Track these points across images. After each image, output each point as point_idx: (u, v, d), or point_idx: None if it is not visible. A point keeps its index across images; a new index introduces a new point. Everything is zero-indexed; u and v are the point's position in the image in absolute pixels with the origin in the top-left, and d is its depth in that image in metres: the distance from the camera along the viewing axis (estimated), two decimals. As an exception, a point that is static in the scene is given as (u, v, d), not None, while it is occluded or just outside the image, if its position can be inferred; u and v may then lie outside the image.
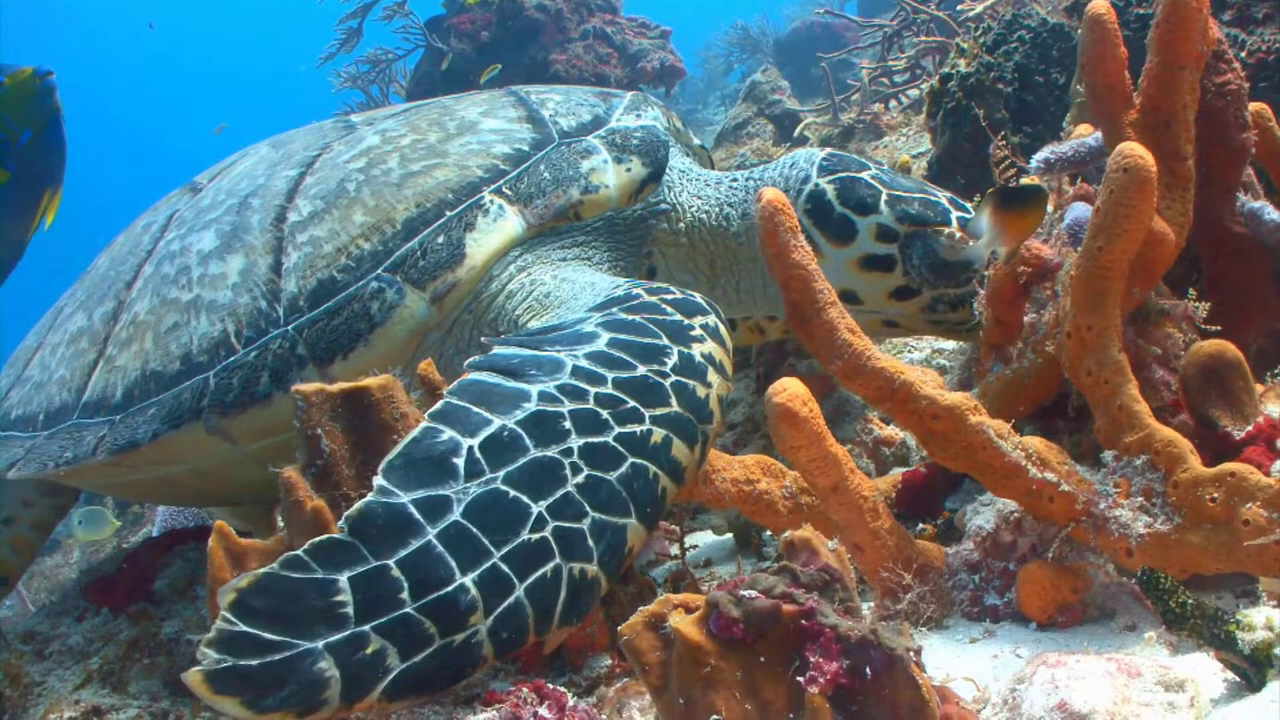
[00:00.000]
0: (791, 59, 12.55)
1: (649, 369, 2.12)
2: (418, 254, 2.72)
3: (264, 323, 2.76)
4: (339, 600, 1.61)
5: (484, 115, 3.09)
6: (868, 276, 2.90)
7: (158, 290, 2.99)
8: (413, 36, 9.74)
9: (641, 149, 2.99)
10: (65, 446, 2.98)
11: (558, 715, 1.75)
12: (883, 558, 2.02)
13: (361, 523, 1.72)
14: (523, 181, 2.84)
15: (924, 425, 2.02)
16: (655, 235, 3.13)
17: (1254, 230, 2.38)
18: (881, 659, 1.37)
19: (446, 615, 1.66)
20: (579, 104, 3.16)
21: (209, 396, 2.75)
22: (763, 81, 8.94)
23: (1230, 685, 1.60)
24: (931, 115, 4.52)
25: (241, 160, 3.39)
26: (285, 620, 1.57)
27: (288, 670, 1.52)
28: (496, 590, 1.71)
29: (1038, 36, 4.24)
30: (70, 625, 3.00)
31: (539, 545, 1.79)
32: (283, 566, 1.64)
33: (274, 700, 1.49)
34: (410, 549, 1.71)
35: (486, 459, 1.87)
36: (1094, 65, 2.22)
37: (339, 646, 1.56)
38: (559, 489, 1.87)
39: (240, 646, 1.52)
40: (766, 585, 1.42)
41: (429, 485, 1.81)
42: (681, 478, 2.03)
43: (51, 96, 4.36)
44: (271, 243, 2.86)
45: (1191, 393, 2.08)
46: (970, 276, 2.82)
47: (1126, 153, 1.87)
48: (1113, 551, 1.93)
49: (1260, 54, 3.17)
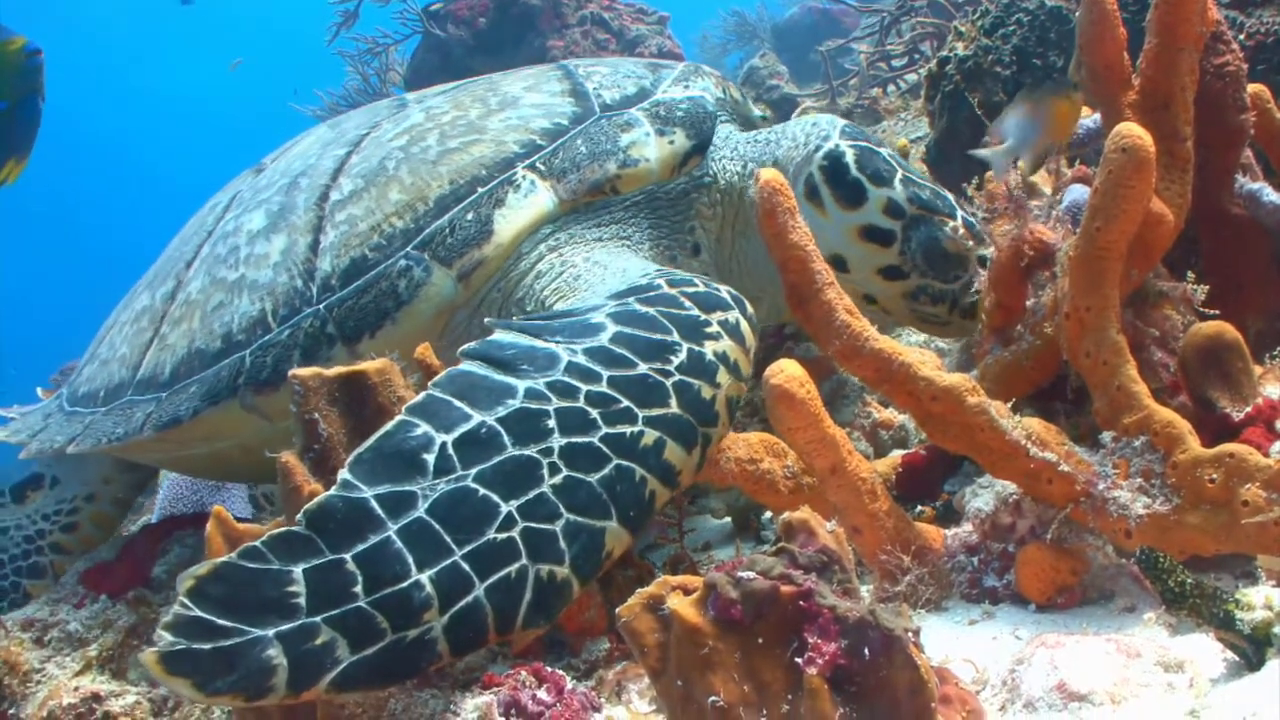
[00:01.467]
0: (789, 44, 12.53)
1: (650, 367, 2.05)
2: (446, 231, 2.70)
3: (298, 301, 2.77)
4: (292, 591, 1.60)
5: (527, 90, 3.05)
6: (864, 246, 2.86)
7: (210, 270, 3.03)
8: (410, 22, 9.70)
9: (686, 120, 2.92)
10: (118, 423, 3.04)
11: (556, 698, 1.75)
12: (881, 540, 2.02)
13: (320, 516, 1.70)
14: (558, 156, 2.80)
15: (922, 407, 2.02)
16: (699, 209, 3.04)
17: (1253, 212, 2.38)
18: (880, 640, 1.36)
19: (399, 611, 1.63)
20: (625, 76, 3.09)
21: (244, 374, 2.78)
22: (761, 67, 8.91)
23: (1230, 665, 1.60)
24: (929, 99, 4.51)
25: (303, 139, 3.42)
26: (239, 608, 1.57)
27: (237, 656, 1.52)
28: (454, 588, 1.68)
29: (1035, 19, 4.23)
30: (69, 612, 3.00)
31: (505, 545, 1.74)
32: (240, 556, 1.63)
33: (223, 684, 1.50)
34: (368, 544, 1.68)
35: (459, 456, 1.83)
36: (1092, 46, 2.21)
37: (289, 636, 1.56)
38: (533, 489, 1.82)
39: (194, 631, 1.53)
40: (765, 567, 1.41)
41: (395, 481, 1.77)
42: (674, 481, 1.96)
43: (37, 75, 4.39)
44: (313, 221, 2.87)
45: (1190, 374, 2.08)
46: (959, 275, 2.83)
47: (1125, 133, 1.86)
48: (1112, 533, 1.93)
49: (1259, 36, 3.16)
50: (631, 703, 1.87)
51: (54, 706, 2.60)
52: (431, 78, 9.46)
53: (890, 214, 2.83)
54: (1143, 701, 1.55)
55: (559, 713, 1.73)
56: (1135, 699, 1.56)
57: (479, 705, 1.72)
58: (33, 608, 3.07)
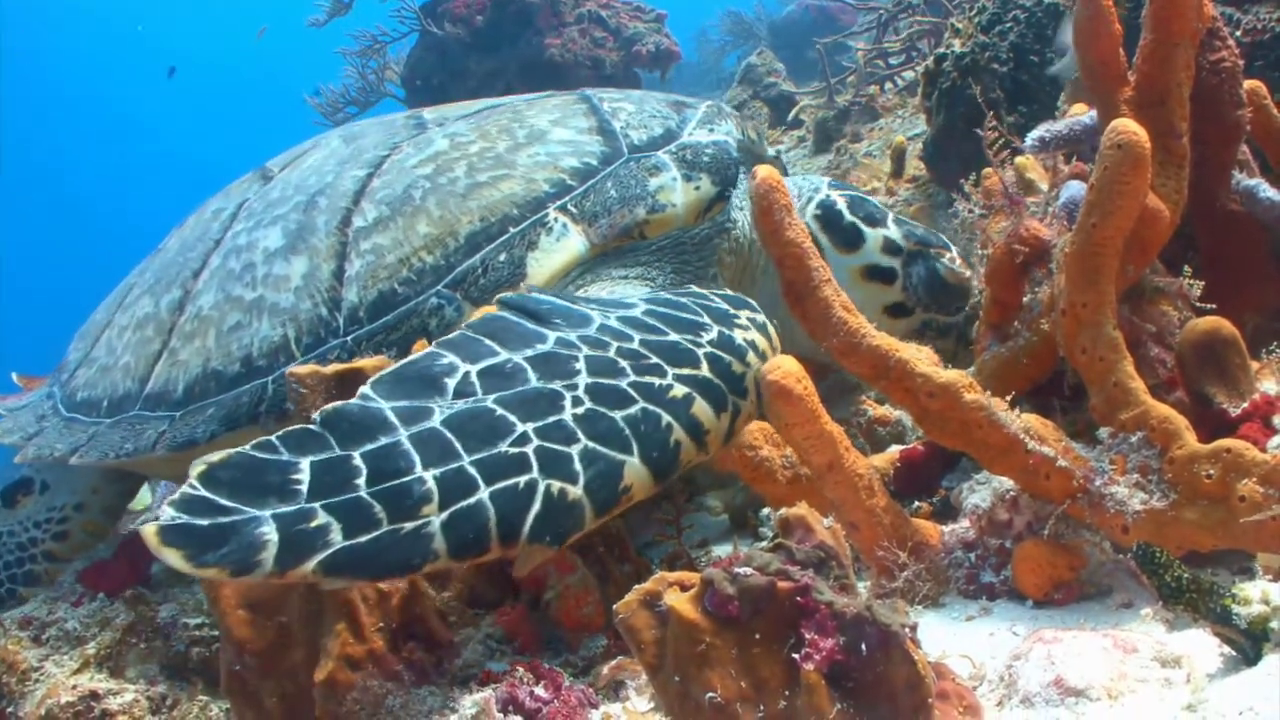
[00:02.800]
0: (787, 42, 12.53)
1: (683, 337, 2.08)
2: (479, 271, 2.71)
3: (323, 331, 2.77)
4: (295, 479, 1.63)
5: (554, 124, 3.06)
6: (868, 287, 2.95)
7: (223, 285, 3.00)
8: (408, 20, 9.69)
9: (712, 166, 2.94)
10: (126, 438, 3.01)
11: (554, 694, 1.76)
12: (879, 536, 2.02)
13: (335, 417, 1.73)
14: (589, 199, 2.81)
15: (919, 403, 2.02)
16: (720, 255, 3.07)
17: (1249, 208, 2.38)
18: (877, 635, 1.36)
19: (397, 501, 1.64)
20: (651, 115, 3.10)
21: (267, 403, 2.77)
22: (758, 64, 8.91)
23: (1227, 660, 1.60)
24: (927, 96, 4.52)
25: (313, 151, 3.38)
26: (243, 491, 1.59)
27: (231, 531, 1.53)
28: (457, 487, 1.68)
29: (1032, 16, 4.23)
30: (67, 610, 3.00)
31: (516, 458, 1.75)
32: (253, 448, 1.67)
33: (212, 556, 1.50)
34: (378, 444, 1.71)
35: (481, 383, 1.85)
36: (1088, 42, 2.21)
37: (285, 516, 1.57)
38: (553, 415, 1.83)
39: (196, 508, 1.54)
40: (762, 563, 1.42)
41: (413, 398, 1.80)
42: (702, 440, 1.95)
43: None
44: (335, 247, 2.86)
45: (1187, 370, 2.08)
46: (960, 307, 2.95)
47: (1120, 129, 1.86)
48: (1109, 528, 1.93)
49: (1256, 32, 3.16)
50: (629, 700, 1.87)
51: (52, 705, 2.60)
52: (429, 76, 9.49)
53: (888, 251, 2.95)
54: (1140, 697, 1.55)
55: (557, 709, 1.73)
56: (1132, 694, 1.56)
57: (477, 701, 1.73)
58: (30, 606, 3.08)
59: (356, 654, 1.79)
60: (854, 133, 6.84)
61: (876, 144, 6.34)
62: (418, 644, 1.89)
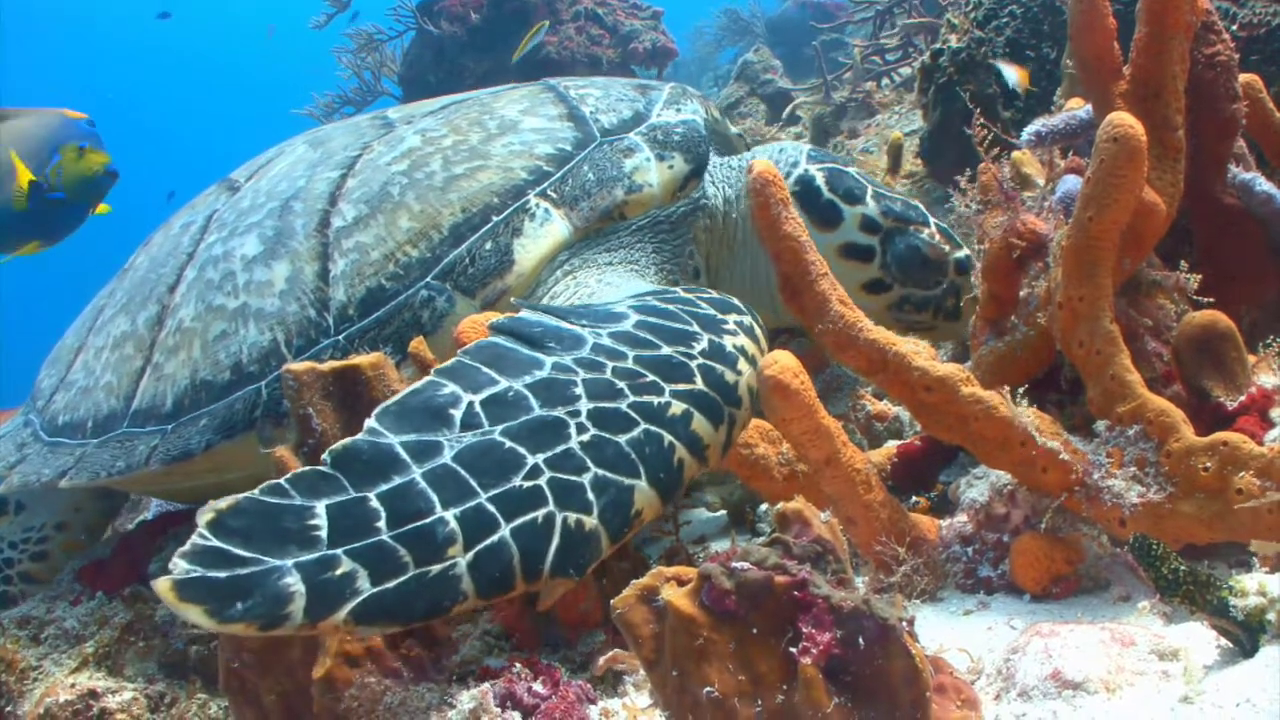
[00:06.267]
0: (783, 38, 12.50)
1: (675, 350, 2.09)
2: (466, 261, 2.72)
3: (314, 332, 2.76)
4: (313, 524, 1.59)
5: (524, 114, 3.07)
6: (846, 264, 2.96)
7: (202, 296, 2.97)
8: (404, 18, 9.68)
9: (683, 144, 2.97)
10: (117, 455, 2.98)
11: (552, 690, 1.76)
12: (876, 530, 2.02)
13: (346, 456, 1.71)
14: (567, 183, 2.84)
15: (916, 397, 2.02)
16: (695, 233, 3.10)
17: (1246, 202, 2.38)
18: (874, 629, 1.36)
19: (423, 544, 1.61)
20: (619, 99, 3.12)
21: (262, 407, 2.76)
22: (755, 61, 8.89)
23: (1224, 652, 1.60)
24: (923, 91, 4.51)
25: (279, 158, 3.34)
26: (259, 539, 1.54)
27: (253, 583, 1.49)
28: (479, 527, 1.66)
29: (1029, 11, 4.24)
30: (65, 609, 3.00)
31: (531, 491, 1.74)
32: (262, 492, 1.62)
33: (237, 611, 1.45)
34: (392, 484, 1.68)
35: (486, 413, 1.84)
36: (1082, 35, 2.21)
37: (308, 565, 1.53)
38: (560, 445, 1.82)
39: (211, 560, 1.50)
40: (759, 557, 1.41)
41: (421, 431, 1.78)
42: (702, 454, 1.97)
43: (100, 193, 4.77)
44: (317, 249, 2.85)
45: (1184, 363, 2.08)
46: (939, 281, 2.97)
47: (1116, 122, 1.86)
48: (1106, 522, 1.93)
49: (1251, 26, 3.16)
50: (628, 695, 1.87)
51: (51, 704, 2.60)
52: (425, 74, 9.47)
53: (867, 229, 2.96)
54: (1137, 689, 1.55)
55: (554, 705, 1.73)
56: (1130, 687, 1.56)
57: (474, 696, 1.73)
58: (29, 605, 3.07)
59: (354, 651, 1.79)
60: (851, 129, 6.84)
61: (873, 140, 6.34)
62: (415, 641, 1.89)
